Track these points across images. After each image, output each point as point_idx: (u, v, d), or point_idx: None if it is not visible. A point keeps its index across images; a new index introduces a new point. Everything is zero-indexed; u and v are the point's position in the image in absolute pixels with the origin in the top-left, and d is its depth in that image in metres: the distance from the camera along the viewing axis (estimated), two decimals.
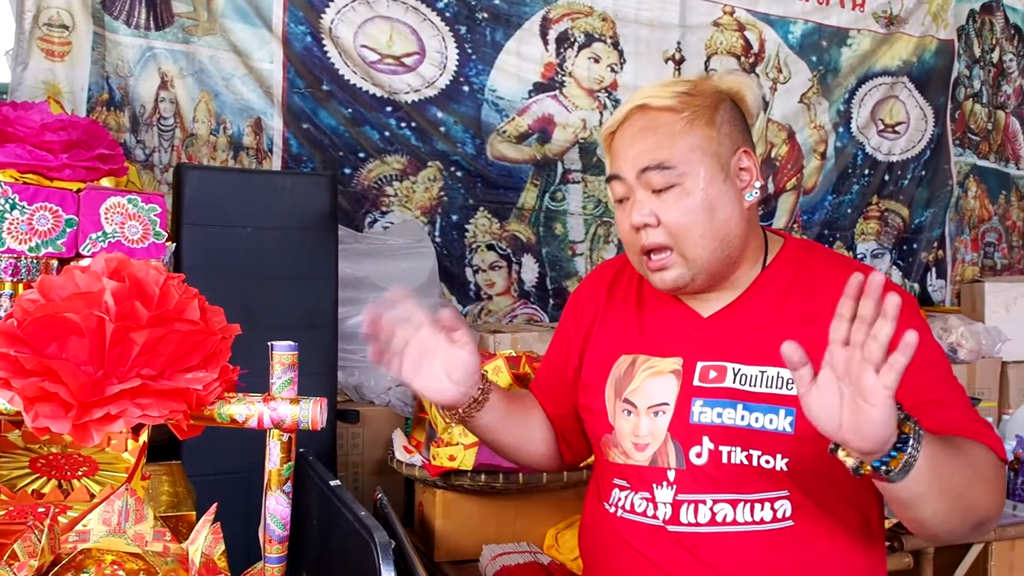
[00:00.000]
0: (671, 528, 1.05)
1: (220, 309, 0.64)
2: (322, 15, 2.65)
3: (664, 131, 1.04)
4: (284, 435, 0.63)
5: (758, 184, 1.08)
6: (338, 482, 1.56)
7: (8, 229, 1.26)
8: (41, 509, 0.78)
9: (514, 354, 2.02)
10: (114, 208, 1.34)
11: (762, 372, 1.03)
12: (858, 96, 3.52)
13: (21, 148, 1.32)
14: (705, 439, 1.03)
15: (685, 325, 1.12)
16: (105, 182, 1.43)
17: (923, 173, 3.69)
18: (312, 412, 0.61)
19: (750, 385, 1.03)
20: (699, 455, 1.03)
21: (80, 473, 0.94)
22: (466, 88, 2.86)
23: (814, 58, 3.40)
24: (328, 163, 2.68)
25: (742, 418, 1.02)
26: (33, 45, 2.23)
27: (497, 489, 1.75)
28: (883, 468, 0.84)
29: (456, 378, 1.08)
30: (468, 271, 2.92)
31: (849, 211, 3.56)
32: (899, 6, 3.51)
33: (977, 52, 3.82)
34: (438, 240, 2.83)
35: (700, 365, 1.07)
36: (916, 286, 3.71)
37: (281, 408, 0.62)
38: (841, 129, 3.51)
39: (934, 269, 3.74)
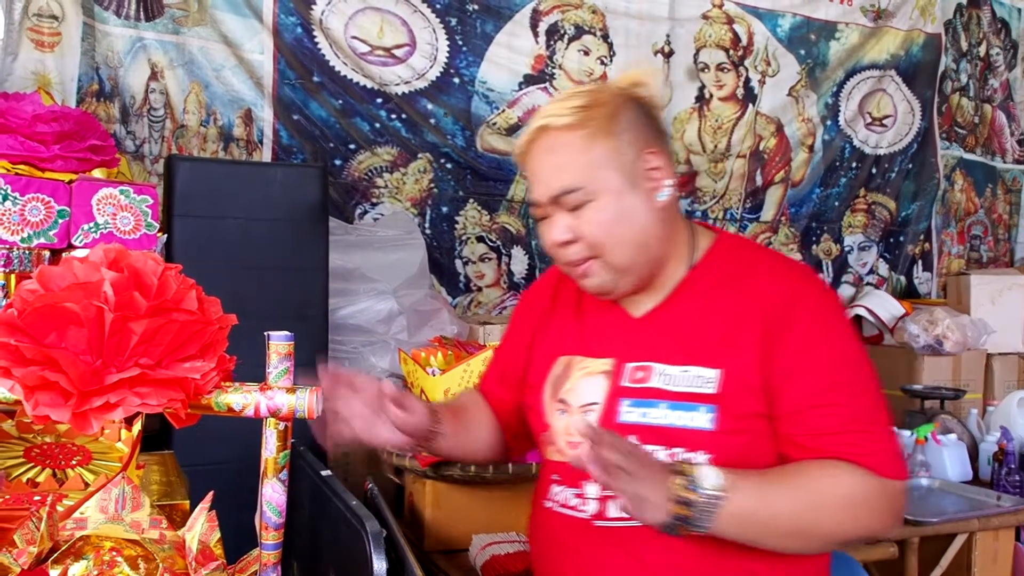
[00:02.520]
0: (598, 523, 1.08)
1: (217, 299, 0.65)
2: (313, 6, 2.64)
3: (566, 152, 1.05)
4: (280, 424, 0.64)
5: (668, 182, 1.08)
6: (329, 472, 1.58)
7: (0, 220, 1.26)
8: (37, 498, 0.79)
9: None
10: (106, 199, 1.35)
11: (684, 372, 1.06)
12: (846, 89, 3.55)
13: (13, 139, 1.32)
14: (632, 438, 1.06)
15: (617, 326, 1.15)
16: (97, 173, 1.43)
17: (910, 166, 3.73)
18: (308, 401, 0.63)
19: (674, 384, 1.06)
20: None
21: (74, 462, 0.95)
22: (456, 80, 2.86)
23: (802, 51, 3.43)
24: (318, 154, 2.68)
25: (665, 416, 1.05)
26: (23, 36, 2.22)
27: (487, 479, 1.76)
28: (675, 533, 0.95)
29: (411, 432, 1.11)
30: (458, 263, 2.93)
31: (837, 204, 3.59)
32: (887, 0, 3.54)
33: (964, 46, 3.85)
34: (428, 232, 2.84)
35: (629, 366, 1.10)
36: (903, 278, 3.75)
37: (278, 397, 0.63)
38: (829, 122, 3.53)
39: (920, 262, 3.78)
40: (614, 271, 1.07)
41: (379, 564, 1.17)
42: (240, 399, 0.63)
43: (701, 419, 1.03)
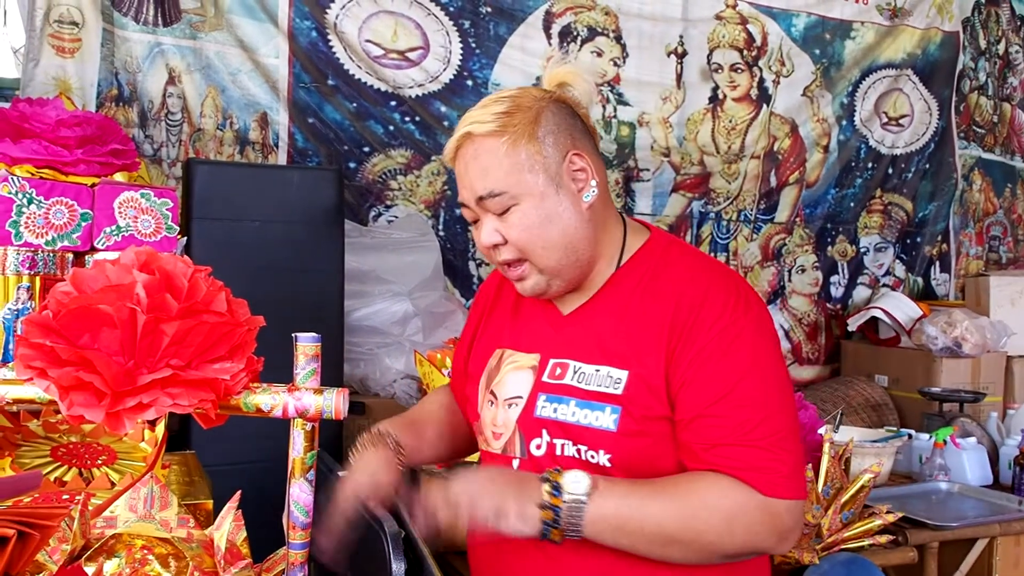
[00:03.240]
0: None
1: (244, 301, 0.65)
2: (327, 10, 2.66)
3: (488, 158, 1.06)
4: (307, 424, 0.65)
5: (594, 182, 1.09)
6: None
7: (25, 223, 1.28)
8: (65, 496, 0.80)
9: None
10: (127, 203, 1.36)
11: (597, 371, 1.07)
12: (862, 89, 3.53)
13: (37, 144, 1.34)
14: (544, 432, 1.08)
15: (546, 322, 1.16)
16: (118, 177, 1.44)
17: (927, 166, 3.70)
18: (336, 402, 0.63)
19: (585, 383, 1.07)
20: (539, 447, 1.09)
21: (100, 462, 0.96)
22: (469, 82, 2.87)
23: (817, 51, 3.41)
24: (333, 157, 2.70)
25: (573, 414, 1.06)
26: (44, 42, 2.25)
27: None
28: (551, 538, 0.95)
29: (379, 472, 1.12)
30: (471, 264, 2.94)
31: (852, 205, 3.57)
32: None
33: (983, 44, 3.82)
34: (441, 234, 2.85)
35: (552, 362, 1.12)
36: (920, 280, 3.72)
37: (305, 398, 0.63)
38: (844, 122, 3.51)
39: (938, 263, 3.75)
40: (544, 274, 1.09)
41: (398, 565, 1.17)
42: (268, 400, 0.63)
43: (606, 419, 1.04)
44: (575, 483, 0.97)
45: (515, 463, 1.11)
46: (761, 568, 1.15)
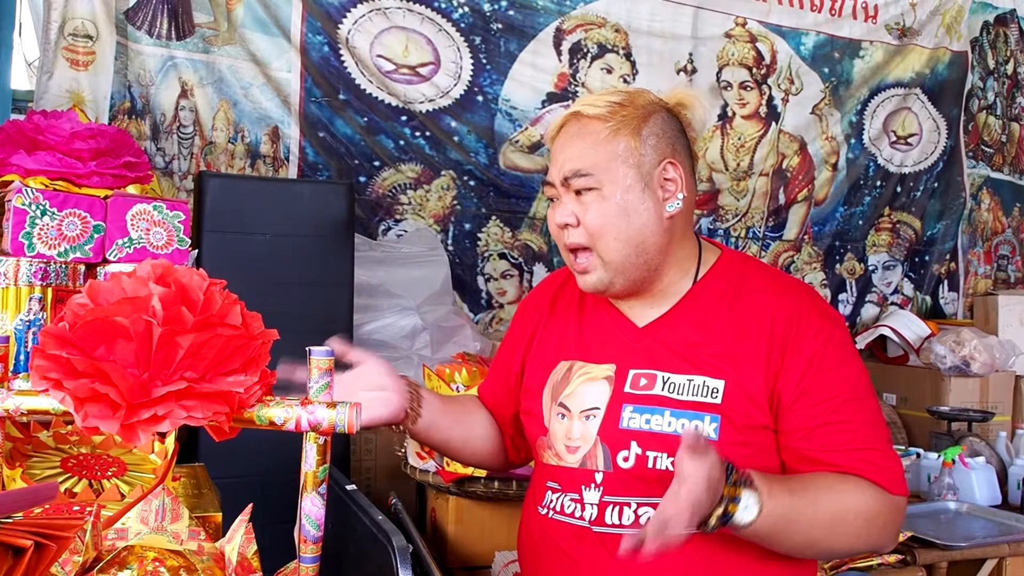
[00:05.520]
0: (596, 529, 1.08)
1: (258, 315, 0.66)
2: (339, 25, 2.68)
3: (589, 139, 1.10)
4: (320, 438, 0.65)
5: (682, 195, 1.11)
6: (354, 486, 1.58)
7: (39, 234, 1.29)
8: (76, 507, 0.80)
9: None
10: (140, 215, 1.37)
11: (689, 380, 1.07)
12: (870, 107, 3.53)
13: (51, 156, 1.36)
14: (633, 444, 1.07)
15: (620, 334, 1.16)
16: (131, 189, 1.46)
17: (936, 185, 3.70)
18: (348, 416, 0.63)
19: (678, 393, 1.07)
20: (626, 459, 1.07)
21: (110, 473, 0.96)
22: (480, 98, 2.89)
23: (826, 69, 3.42)
24: (343, 171, 2.71)
25: (669, 424, 1.06)
26: (58, 55, 2.28)
27: (510, 496, 1.76)
28: (718, 527, 0.95)
29: (384, 384, 1.14)
30: (480, 279, 2.94)
31: (861, 223, 3.57)
32: (912, 18, 3.53)
33: (991, 64, 3.82)
34: (451, 248, 2.86)
35: (632, 372, 1.11)
36: (928, 298, 3.70)
37: (318, 412, 0.64)
38: (853, 140, 3.52)
39: (946, 281, 3.74)
40: (608, 267, 1.10)
41: None
42: (281, 413, 0.64)
43: (705, 428, 1.04)
44: (746, 511, 0.95)
45: (598, 476, 1.09)
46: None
